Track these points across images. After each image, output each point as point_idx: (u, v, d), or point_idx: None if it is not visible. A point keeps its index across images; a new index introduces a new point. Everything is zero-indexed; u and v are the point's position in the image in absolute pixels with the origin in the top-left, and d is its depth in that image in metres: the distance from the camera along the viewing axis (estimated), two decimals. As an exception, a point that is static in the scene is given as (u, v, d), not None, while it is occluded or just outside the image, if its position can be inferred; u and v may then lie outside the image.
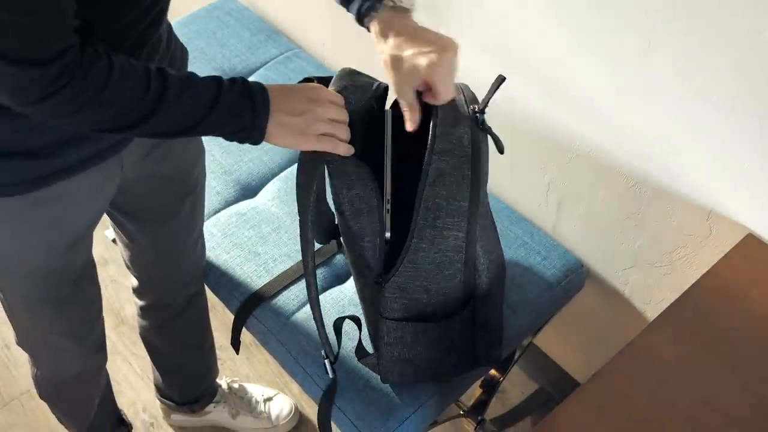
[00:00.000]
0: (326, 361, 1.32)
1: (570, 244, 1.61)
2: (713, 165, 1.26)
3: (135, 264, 1.48)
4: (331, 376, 1.33)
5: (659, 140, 1.31)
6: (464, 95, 1.18)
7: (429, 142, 1.11)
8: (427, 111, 1.13)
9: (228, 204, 1.66)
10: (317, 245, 1.54)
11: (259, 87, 1.00)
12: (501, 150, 1.14)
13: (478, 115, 1.14)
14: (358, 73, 1.18)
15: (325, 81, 1.16)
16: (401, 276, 1.15)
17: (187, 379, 1.80)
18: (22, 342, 1.37)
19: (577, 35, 1.32)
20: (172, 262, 1.47)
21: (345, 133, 1.06)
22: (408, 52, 1.01)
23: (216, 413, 1.86)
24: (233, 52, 1.95)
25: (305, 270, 1.18)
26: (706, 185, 1.29)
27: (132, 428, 1.84)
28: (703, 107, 1.21)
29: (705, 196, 1.30)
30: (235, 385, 1.89)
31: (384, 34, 1.03)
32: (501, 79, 1.12)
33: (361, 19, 1.06)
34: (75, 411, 1.62)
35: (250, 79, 1.86)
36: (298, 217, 1.15)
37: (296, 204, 1.15)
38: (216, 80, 0.97)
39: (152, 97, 0.91)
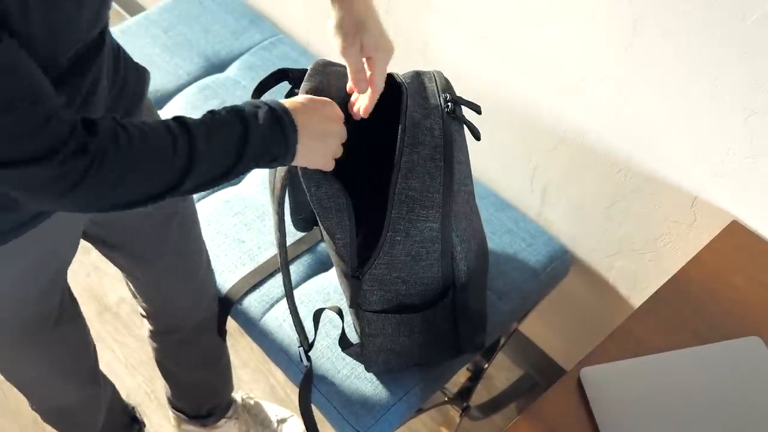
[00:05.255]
0: (300, 349, 1.32)
1: (555, 231, 1.61)
2: (698, 152, 1.26)
3: (137, 292, 1.43)
4: (306, 363, 1.33)
5: (644, 127, 1.31)
6: (437, 83, 1.17)
7: (399, 134, 1.10)
8: (397, 101, 1.12)
9: (212, 191, 1.65)
10: (300, 233, 1.53)
11: (285, 111, 0.96)
12: (477, 137, 1.13)
13: (450, 104, 1.13)
14: (332, 64, 1.17)
15: (300, 74, 1.15)
16: (378, 268, 1.15)
17: (199, 396, 1.74)
18: (8, 379, 1.30)
19: (561, 21, 1.31)
20: (173, 291, 1.41)
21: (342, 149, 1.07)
22: (362, 27, 1.01)
23: (226, 428, 1.79)
24: (217, 38, 1.93)
25: (280, 262, 1.18)
26: (691, 172, 1.29)
27: (145, 426, 1.79)
28: (688, 94, 1.21)
29: (690, 182, 1.30)
30: (251, 402, 1.83)
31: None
32: (477, 109, 1.15)
33: None
34: (80, 429, 1.54)
35: (235, 65, 1.89)
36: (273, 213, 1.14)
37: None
38: (240, 115, 0.91)
39: (182, 154, 0.85)
